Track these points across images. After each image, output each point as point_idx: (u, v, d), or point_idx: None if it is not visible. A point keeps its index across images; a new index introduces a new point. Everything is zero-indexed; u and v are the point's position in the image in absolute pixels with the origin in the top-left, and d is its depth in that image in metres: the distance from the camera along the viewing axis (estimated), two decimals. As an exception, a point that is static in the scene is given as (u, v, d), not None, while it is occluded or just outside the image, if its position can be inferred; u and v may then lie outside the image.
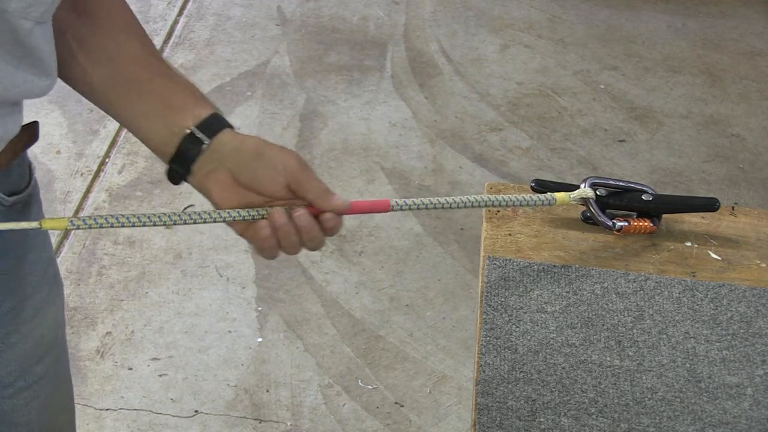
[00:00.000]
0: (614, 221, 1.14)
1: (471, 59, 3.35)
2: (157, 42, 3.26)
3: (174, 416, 2.08)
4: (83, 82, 0.94)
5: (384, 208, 0.96)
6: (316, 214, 0.92)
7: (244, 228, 0.93)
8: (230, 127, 0.93)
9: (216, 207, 0.94)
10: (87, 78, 0.94)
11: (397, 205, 0.97)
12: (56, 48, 0.91)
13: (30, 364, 1.05)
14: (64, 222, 0.87)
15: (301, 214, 0.90)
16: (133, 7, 0.98)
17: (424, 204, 0.98)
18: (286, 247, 0.92)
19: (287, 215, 0.90)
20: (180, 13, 3.47)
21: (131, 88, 0.93)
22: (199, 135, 0.91)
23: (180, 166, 0.93)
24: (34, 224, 0.87)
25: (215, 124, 0.92)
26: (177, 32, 3.36)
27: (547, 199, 1.08)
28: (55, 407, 1.12)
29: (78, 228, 0.88)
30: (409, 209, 0.98)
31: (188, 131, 0.91)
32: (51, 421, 1.12)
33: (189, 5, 3.52)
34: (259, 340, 2.27)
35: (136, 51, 0.94)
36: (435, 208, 0.99)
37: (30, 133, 0.93)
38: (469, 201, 1.01)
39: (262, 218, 0.92)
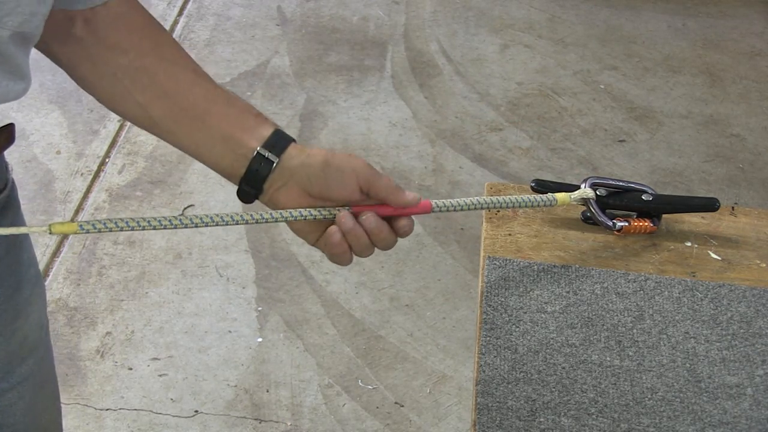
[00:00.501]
0: (614, 221, 1.14)
1: (471, 59, 3.35)
2: (157, 42, 3.26)
3: (174, 416, 2.09)
4: (142, 118, 0.95)
5: (426, 209, 0.98)
6: (385, 217, 0.94)
7: (315, 238, 0.95)
8: (293, 141, 0.95)
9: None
10: (146, 114, 0.95)
11: (437, 207, 0.99)
12: (110, 89, 0.93)
13: (14, 366, 1.04)
14: (73, 226, 0.86)
15: (368, 216, 0.93)
16: (133, 8, 0.98)
17: (453, 206, 1.00)
18: (358, 250, 0.94)
19: (353, 219, 0.92)
20: (180, 13, 3.47)
21: (192, 118, 0.94)
22: (267, 155, 0.93)
23: (251, 186, 0.94)
24: (43, 228, 0.85)
25: (280, 141, 0.94)
26: (177, 32, 3.36)
27: (548, 199, 1.09)
28: (40, 408, 1.12)
29: (88, 232, 0.86)
30: (448, 211, 1.00)
31: (256, 152, 0.93)
32: (36, 421, 1.12)
33: (189, 5, 3.52)
34: (259, 340, 2.27)
35: (190, 80, 0.95)
36: (453, 210, 1.01)
37: (6, 135, 0.93)
38: (472, 203, 1.02)
39: (324, 219, 0.93)
